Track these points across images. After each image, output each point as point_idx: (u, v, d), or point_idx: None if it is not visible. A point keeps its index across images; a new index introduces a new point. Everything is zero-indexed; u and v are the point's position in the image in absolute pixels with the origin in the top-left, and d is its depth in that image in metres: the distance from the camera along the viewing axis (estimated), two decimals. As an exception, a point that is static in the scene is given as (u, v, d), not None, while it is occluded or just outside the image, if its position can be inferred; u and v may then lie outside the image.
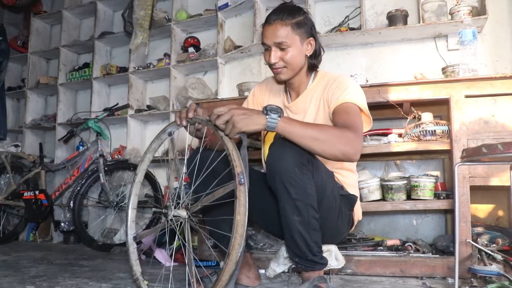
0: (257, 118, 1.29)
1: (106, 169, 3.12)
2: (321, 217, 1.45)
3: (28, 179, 3.35)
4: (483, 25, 2.56)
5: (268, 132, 1.74)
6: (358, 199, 1.72)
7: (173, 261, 2.33)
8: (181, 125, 1.46)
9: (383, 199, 2.21)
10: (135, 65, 3.60)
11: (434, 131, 2.10)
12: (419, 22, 2.60)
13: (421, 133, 2.13)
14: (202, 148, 1.57)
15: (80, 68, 3.96)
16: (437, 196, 2.17)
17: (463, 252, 1.88)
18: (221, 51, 3.24)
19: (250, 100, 1.84)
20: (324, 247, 1.57)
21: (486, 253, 1.86)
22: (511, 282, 1.55)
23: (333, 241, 1.68)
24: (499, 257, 1.84)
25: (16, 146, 3.78)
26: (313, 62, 1.64)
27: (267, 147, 1.67)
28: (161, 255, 2.33)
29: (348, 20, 2.94)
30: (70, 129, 3.41)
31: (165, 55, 3.51)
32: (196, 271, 1.44)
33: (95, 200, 3.31)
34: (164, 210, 1.44)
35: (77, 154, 3.37)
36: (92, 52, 3.85)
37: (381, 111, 2.40)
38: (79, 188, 3.18)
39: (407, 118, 2.27)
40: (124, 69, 3.70)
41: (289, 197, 1.36)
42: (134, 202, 1.62)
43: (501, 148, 1.21)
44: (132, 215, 1.61)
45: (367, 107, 1.56)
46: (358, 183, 1.96)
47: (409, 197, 2.19)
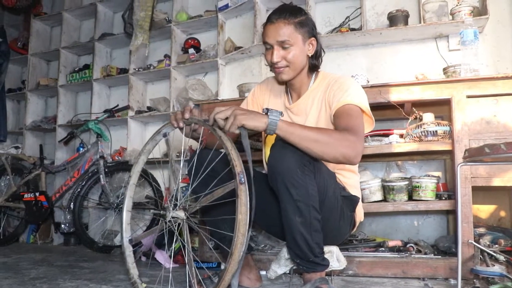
0: (258, 116, 1.29)
1: (106, 170, 3.11)
2: (323, 218, 1.45)
3: (28, 180, 3.34)
4: (484, 25, 2.55)
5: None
6: (360, 200, 1.72)
7: (174, 262, 2.33)
8: (178, 126, 1.45)
9: (385, 200, 2.21)
10: (135, 66, 3.60)
11: (435, 131, 2.10)
12: (420, 22, 2.59)
13: (423, 134, 2.12)
14: (199, 148, 1.56)
15: (80, 69, 3.96)
16: (438, 196, 2.17)
17: (465, 253, 1.87)
18: (221, 52, 3.23)
19: (249, 100, 1.83)
20: (325, 248, 1.57)
21: (488, 254, 1.86)
22: (514, 283, 1.55)
23: (334, 242, 1.67)
24: (501, 258, 1.83)
25: (16, 147, 3.77)
26: (314, 62, 1.64)
27: (268, 148, 1.66)
28: (162, 257, 2.32)
29: (348, 20, 2.93)
30: (70, 131, 3.40)
31: (166, 56, 3.50)
32: (197, 271, 1.43)
33: (95, 201, 3.31)
34: (162, 211, 1.43)
35: (77, 155, 3.35)
36: (92, 53, 3.85)
37: (382, 111, 2.40)
38: (79, 189, 3.18)
39: (408, 118, 2.26)
40: (124, 71, 3.69)
41: (290, 198, 1.36)
42: (128, 204, 1.61)
43: (504, 148, 1.21)
44: (127, 218, 1.60)
45: (369, 108, 1.55)
46: (359, 184, 1.95)
47: (410, 198, 2.18)
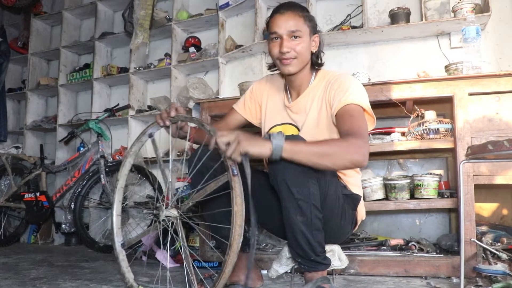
0: (262, 142, 1.24)
1: (107, 170, 3.10)
2: (324, 217, 1.44)
3: (28, 180, 3.33)
4: (486, 22, 2.53)
5: (270, 129, 1.72)
6: (361, 199, 1.70)
7: (176, 262, 2.32)
8: (164, 125, 1.44)
9: (386, 198, 2.20)
10: (136, 65, 3.59)
11: (437, 129, 2.08)
12: (422, 20, 2.58)
13: (425, 132, 2.11)
14: (187, 146, 1.56)
15: (80, 69, 3.95)
16: (441, 195, 2.15)
17: (467, 251, 1.86)
18: (222, 50, 3.22)
19: (247, 97, 1.81)
20: (327, 247, 1.56)
21: (491, 252, 1.84)
22: (517, 281, 1.53)
23: (336, 241, 1.66)
24: (504, 256, 1.82)
25: (16, 147, 3.77)
26: (316, 60, 1.65)
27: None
28: (163, 256, 2.31)
29: (350, 18, 2.92)
30: (70, 130, 3.39)
31: (166, 55, 3.49)
32: (196, 269, 1.42)
33: (96, 201, 3.29)
34: (155, 211, 1.42)
35: (78, 155, 3.34)
36: (92, 52, 3.84)
37: (383, 109, 2.38)
38: (80, 189, 3.17)
39: (410, 116, 2.24)
40: (124, 70, 3.69)
41: (291, 196, 1.35)
42: (118, 208, 1.60)
43: (508, 144, 1.19)
44: (117, 222, 1.58)
45: (370, 106, 1.53)
46: (361, 182, 1.94)
47: (412, 196, 2.17)
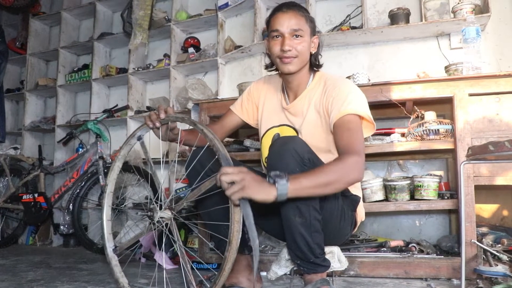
0: (266, 187, 1.18)
1: (105, 171, 3.08)
2: (324, 219, 1.43)
3: (27, 181, 3.31)
4: (486, 23, 2.52)
5: (266, 131, 1.71)
6: (361, 200, 1.69)
7: (175, 264, 2.30)
8: (154, 126, 1.42)
9: (386, 199, 2.18)
10: (135, 66, 3.57)
11: (437, 130, 2.07)
12: (421, 20, 2.57)
13: (425, 132, 2.10)
14: (179, 147, 1.55)
15: (79, 69, 3.93)
16: (441, 196, 2.14)
17: (468, 252, 1.85)
18: (221, 51, 3.21)
19: (244, 98, 1.80)
20: (326, 249, 1.54)
21: (491, 254, 1.84)
22: (518, 283, 1.53)
23: (335, 242, 1.65)
24: (504, 257, 1.81)
25: (15, 148, 3.75)
26: (314, 61, 1.64)
27: (265, 148, 1.64)
28: (161, 258, 2.29)
29: (349, 19, 2.91)
30: (69, 131, 3.37)
31: (165, 55, 3.48)
32: (195, 270, 1.41)
33: (95, 202, 3.27)
34: (149, 213, 1.40)
35: (76, 156, 3.32)
36: (91, 53, 3.82)
37: (383, 110, 2.38)
38: (78, 190, 3.14)
39: (410, 117, 2.23)
40: (123, 70, 3.67)
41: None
42: (108, 213, 1.58)
43: (509, 145, 1.18)
44: (107, 227, 1.56)
45: (370, 113, 1.51)
46: (361, 183, 1.93)
47: (412, 197, 2.16)
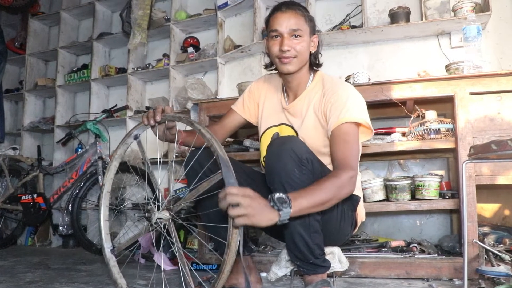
0: (270, 213, 1.16)
1: (105, 171, 3.06)
2: (323, 219, 1.42)
3: (26, 182, 3.30)
4: (486, 21, 2.51)
5: (266, 130, 1.70)
6: (361, 200, 1.68)
7: (175, 265, 2.29)
8: (149, 123, 1.41)
9: (387, 199, 2.17)
10: (134, 66, 3.56)
11: (438, 129, 2.06)
12: (422, 19, 2.55)
13: (425, 132, 2.08)
14: (176, 147, 1.53)
15: (78, 69, 3.92)
16: (442, 195, 2.13)
17: (470, 252, 1.83)
18: (220, 51, 3.20)
19: (246, 96, 1.79)
20: (327, 249, 1.53)
21: (493, 254, 1.82)
22: (521, 283, 1.51)
23: (336, 243, 1.64)
24: (507, 257, 1.80)
25: (14, 149, 3.73)
26: (314, 60, 1.63)
27: (264, 147, 1.62)
28: (161, 259, 2.28)
29: (349, 18, 2.90)
30: (68, 132, 3.37)
31: (164, 55, 3.47)
32: (193, 271, 1.39)
33: (94, 203, 3.26)
34: (147, 214, 1.39)
35: (75, 156, 3.31)
36: (90, 53, 3.81)
37: (384, 109, 2.36)
38: (77, 191, 3.13)
39: (410, 116, 2.22)
40: (123, 70, 3.66)
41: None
42: (105, 214, 1.57)
43: (512, 144, 1.17)
44: (105, 227, 1.55)
45: (368, 118, 1.50)
46: (361, 183, 1.92)
47: (413, 197, 2.14)
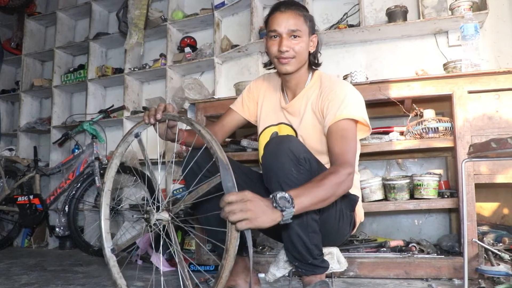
0: (272, 214, 1.13)
1: (101, 172, 3.04)
2: (321, 219, 1.41)
3: (22, 183, 3.28)
4: (484, 20, 2.51)
5: (264, 129, 1.69)
6: (360, 200, 1.67)
7: (172, 266, 2.27)
8: (150, 122, 1.39)
9: (386, 199, 2.16)
10: (131, 66, 3.54)
11: (436, 128, 2.05)
12: (419, 18, 2.55)
13: (424, 131, 2.08)
14: (176, 147, 1.51)
15: (75, 69, 3.90)
16: (441, 195, 2.12)
17: (469, 252, 1.82)
18: (218, 50, 3.18)
19: (245, 95, 1.79)
20: (325, 250, 1.52)
21: (493, 253, 1.81)
22: (521, 283, 1.50)
23: (334, 243, 1.62)
24: (506, 256, 1.79)
25: (10, 150, 3.71)
26: (313, 60, 1.62)
27: (263, 145, 1.61)
28: (157, 260, 2.26)
29: (346, 17, 2.89)
30: (65, 132, 3.34)
31: (161, 55, 3.45)
32: (191, 272, 1.37)
33: (91, 204, 3.24)
34: (146, 215, 1.37)
35: (72, 157, 3.29)
36: (87, 53, 3.79)
37: (382, 108, 2.36)
38: (74, 192, 3.11)
39: (408, 115, 2.21)
40: (119, 70, 3.64)
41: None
42: (106, 212, 1.55)
43: (511, 142, 1.16)
44: (105, 226, 1.53)
45: (366, 116, 1.49)
46: (359, 183, 1.91)
47: (412, 197, 2.13)
